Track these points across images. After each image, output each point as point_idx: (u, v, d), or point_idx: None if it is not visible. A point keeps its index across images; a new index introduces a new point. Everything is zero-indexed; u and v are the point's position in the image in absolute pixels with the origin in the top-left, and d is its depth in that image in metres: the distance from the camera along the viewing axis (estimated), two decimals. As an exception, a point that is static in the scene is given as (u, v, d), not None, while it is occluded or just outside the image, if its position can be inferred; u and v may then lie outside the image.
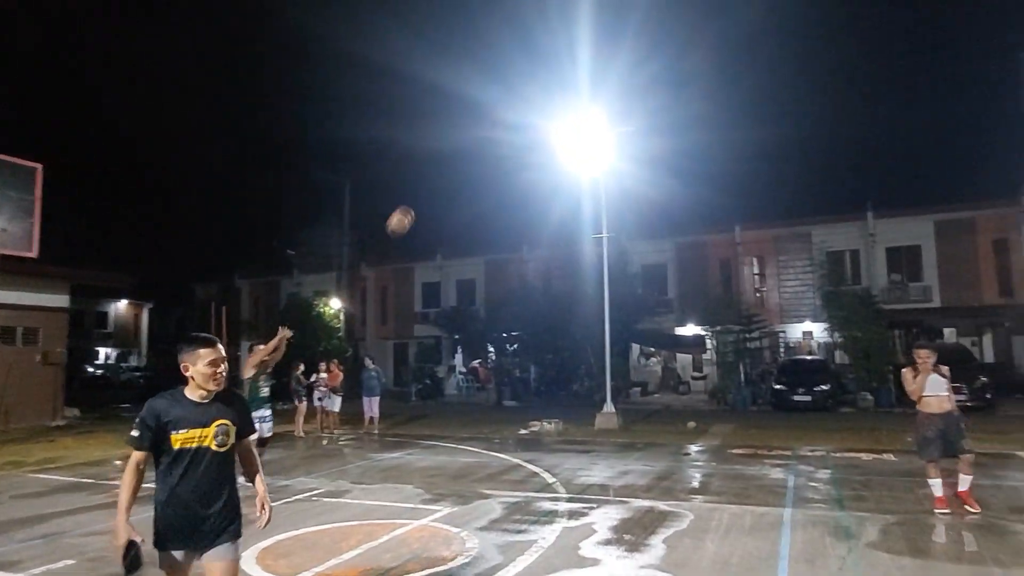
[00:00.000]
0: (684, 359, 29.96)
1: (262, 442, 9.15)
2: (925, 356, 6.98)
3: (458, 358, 31.99)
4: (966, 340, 24.69)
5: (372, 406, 15.75)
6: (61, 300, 19.41)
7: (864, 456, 11.17)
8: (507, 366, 28.03)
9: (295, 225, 38.82)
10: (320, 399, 15.65)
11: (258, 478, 3.47)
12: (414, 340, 33.74)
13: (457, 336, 31.22)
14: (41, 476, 9.99)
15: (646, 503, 7.67)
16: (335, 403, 15.62)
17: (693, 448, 12.53)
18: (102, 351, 49.42)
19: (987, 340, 26.12)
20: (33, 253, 13.70)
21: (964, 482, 6.99)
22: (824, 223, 28.28)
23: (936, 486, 6.98)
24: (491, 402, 25.81)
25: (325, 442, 14.17)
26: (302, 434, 14.87)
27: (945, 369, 7.02)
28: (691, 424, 16.05)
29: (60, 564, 5.54)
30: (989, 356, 25.59)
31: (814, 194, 26.34)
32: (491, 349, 29.63)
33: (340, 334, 30.60)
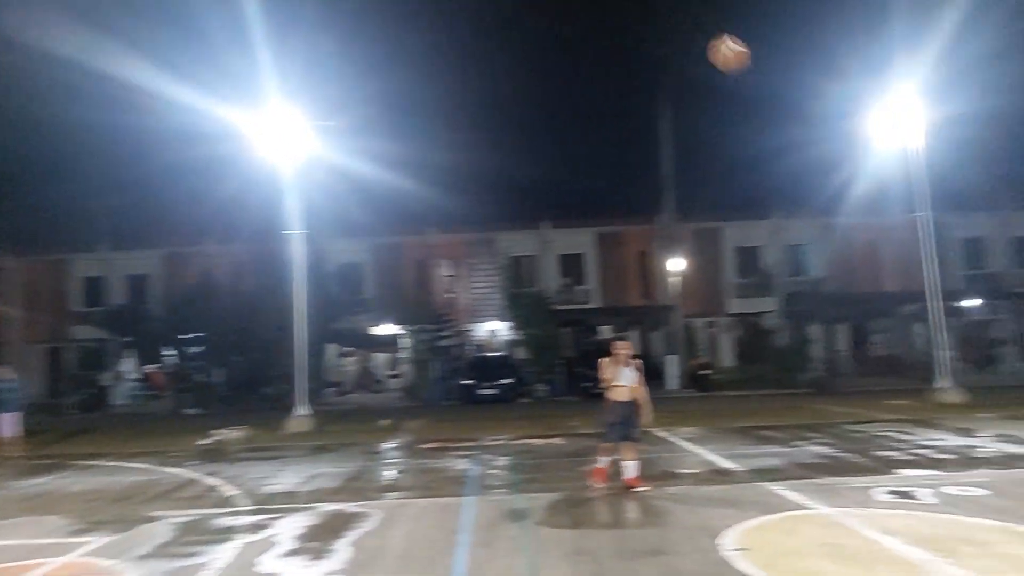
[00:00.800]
0: (380, 358, 30.22)
1: None
2: (621, 348, 7.77)
3: (128, 363, 28.18)
4: (624, 336, 28.76)
5: (5, 424, 13.06)
6: None
7: (537, 441, 12.31)
8: (188, 371, 25.48)
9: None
10: None
11: None
12: (73, 344, 28.95)
13: (127, 338, 27.50)
14: None
15: (334, 506, 7.46)
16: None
17: (385, 446, 12.60)
18: None
19: (633, 336, 30.69)
20: None
21: (630, 468, 7.64)
22: (507, 231, 30.66)
23: (602, 462, 7.81)
24: (169, 411, 23.19)
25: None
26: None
27: (638, 363, 7.77)
28: (385, 422, 16.18)
29: None
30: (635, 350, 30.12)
31: (499, 204, 28.57)
32: (169, 352, 26.66)
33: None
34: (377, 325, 28.73)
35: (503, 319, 28.69)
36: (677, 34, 24.92)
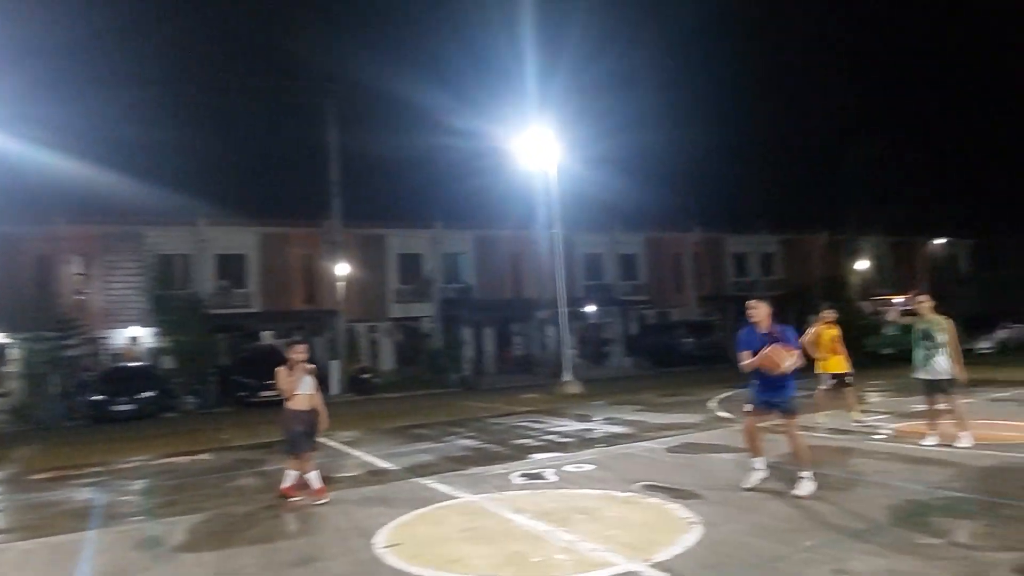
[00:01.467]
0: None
1: None
2: (298, 353, 7.30)
3: None
4: (281, 341, 27.61)
5: None
6: None
7: (182, 459, 11.21)
8: None
9: None
10: None
11: None
12: None
13: None
14: None
15: None
16: None
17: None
18: None
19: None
20: None
21: (312, 479, 7.24)
22: (157, 225, 27.53)
23: (292, 477, 7.31)
24: None
25: None
26: None
27: (312, 368, 7.37)
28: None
29: None
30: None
31: (149, 196, 25.29)
32: None
33: None
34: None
35: (147, 324, 25.60)
36: (347, 43, 25.04)
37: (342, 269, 26.91)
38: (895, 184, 47.20)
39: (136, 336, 26.39)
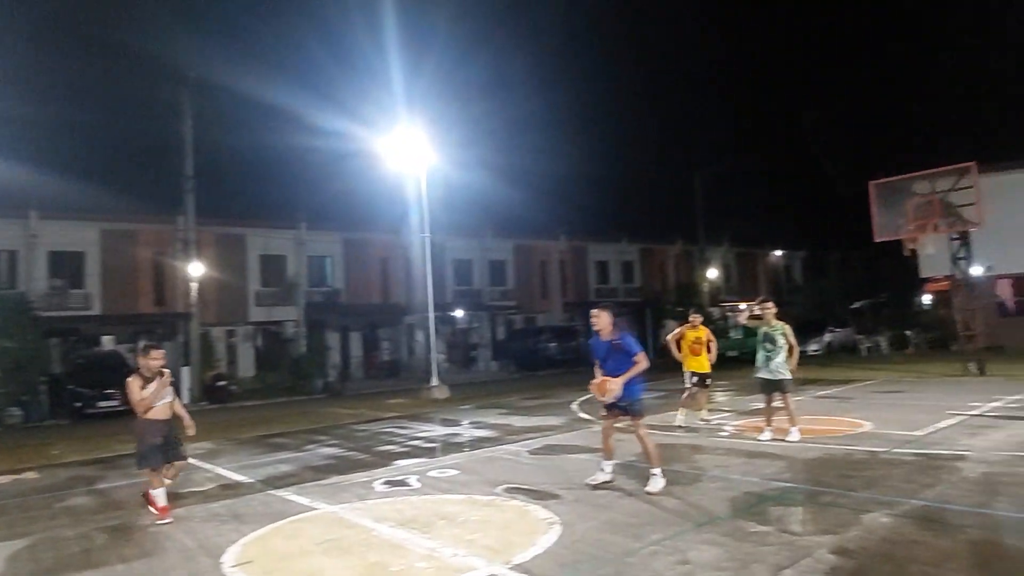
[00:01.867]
0: None
1: None
2: (157, 357, 6.70)
3: None
4: (124, 347, 25.56)
5: None
6: None
7: (1, 479, 10.08)
8: None
9: None
10: None
11: None
12: None
13: None
14: None
15: None
16: None
17: None
18: None
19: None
20: None
21: (158, 495, 6.71)
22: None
23: (160, 495, 6.67)
24: None
25: None
26: None
27: (168, 374, 6.84)
28: None
29: None
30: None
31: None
32: None
33: None
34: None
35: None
36: (210, 38, 23.69)
37: (196, 269, 25.26)
38: (741, 201, 51.21)
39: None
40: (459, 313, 32.33)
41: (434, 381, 20.16)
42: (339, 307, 31.55)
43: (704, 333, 10.97)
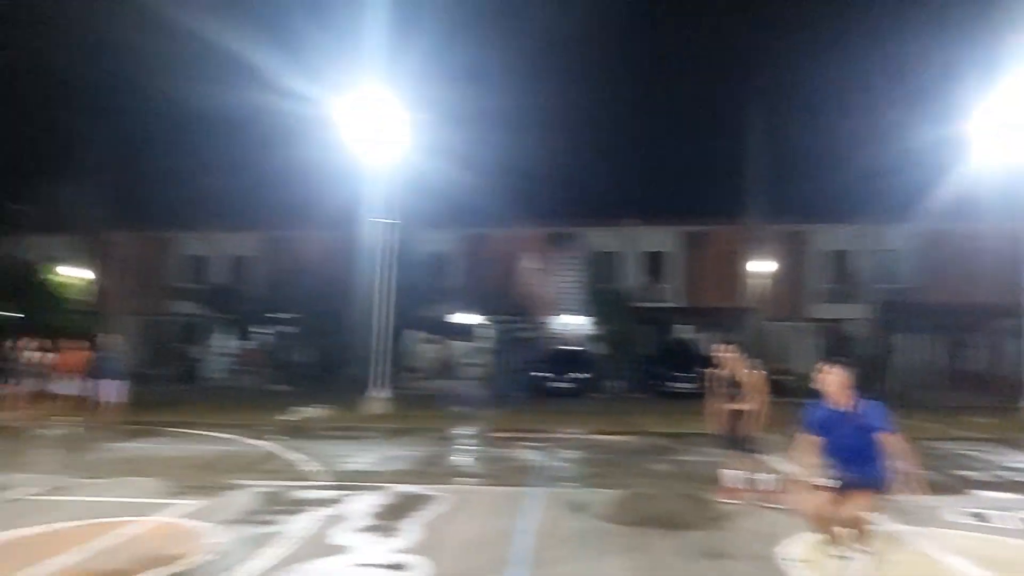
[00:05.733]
0: (460, 347, 30.85)
1: None
2: (729, 353, 7.39)
3: (223, 339, 29.85)
4: (696, 337, 28.17)
5: (110, 390, 14.08)
6: None
7: (608, 437, 12.35)
8: (277, 349, 26.78)
9: (26, 177, 33.20)
10: (38, 380, 13.65)
11: None
12: (172, 318, 30.89)
13: (224, 316, 29.13)
14: None
15: (407, 488, 7.79)
16: (72, 387, 13.74)
17: (459, 433, 12.95)
18: None
19: (711, 337, 30.09)
20: None
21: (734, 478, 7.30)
22: (593, 226, 30.63)
23: (739, 478, 7.27)
24: (257, 387, 24.49)
25: (50, 431, 12.49)
26: (21, 422, 12.97)
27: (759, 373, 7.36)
28: (460, 409, 16.58)
29: None
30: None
31: (584, 200, 28.47)
32: (261, 330, 28.08)
33: (79, 307, 27.09)
34: (458, 314, 29.35)
35: (582, 314, 28.75)
36: (774, 31, 24.21)
37: (761, 266, 26.19)
38: None
39: (573, 324, 29.83)
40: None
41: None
42: (914, 306, 28.29)
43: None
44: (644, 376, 24.53)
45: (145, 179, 29.55)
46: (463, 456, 10.50)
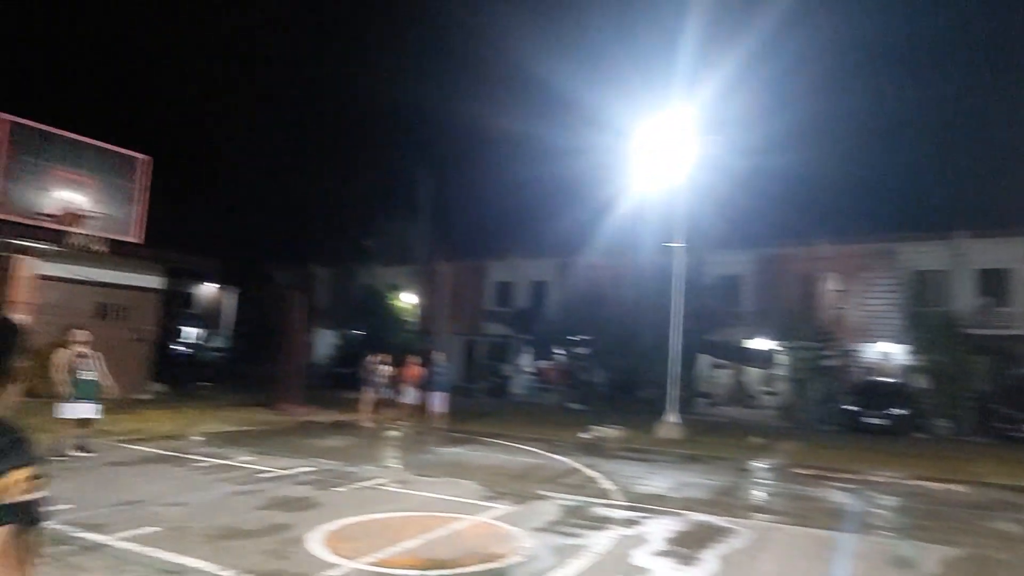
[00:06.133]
0: (755, 373, 29.34)
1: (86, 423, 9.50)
2: None
3: (526, 358, 32.26)
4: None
5: (438, 401, 16.10)
6: (154, 281, 20.74)
7: (933, 485, 10.80)
8: (574, 369, 28.11)
9: (374, 217, 39.74)
10: (383, 389, 16.04)
11: None
12: (484, 338, 34.18)
13: (526, 336, 31.51)
14: (128, 446, 10.72)
15: (704, 517, 7.68)
16: (409, 396, 16.04)
17: (757, 465, 12.36)
18: (188, 330, 52.03)
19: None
20: (135, 238, 14.64)
21: None
22: (911, 241, 27.11)
23: None
24: (556, 404, 25.96)
25: (393, 433, 14.65)
26: (370, 424, 15.41)
27: None
28: (757, 440, 15.79)
29: (145, 530, 5.95)
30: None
31: (902, 212, 25.17)
32: (559, 351, 29.76)
33: (411, 327, 31.38)
34: (753, 339, 28.02)
35: (899, 341, 25.50)
36: None
37: None
38: None
39: (888, 352, 26.58)
40: None
41: None
42: None
43: None
44: (981, 415, 20.94)
45: (463, 216, 33.42)
46: (762, 489, 10.00)
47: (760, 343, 27.63)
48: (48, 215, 13.07)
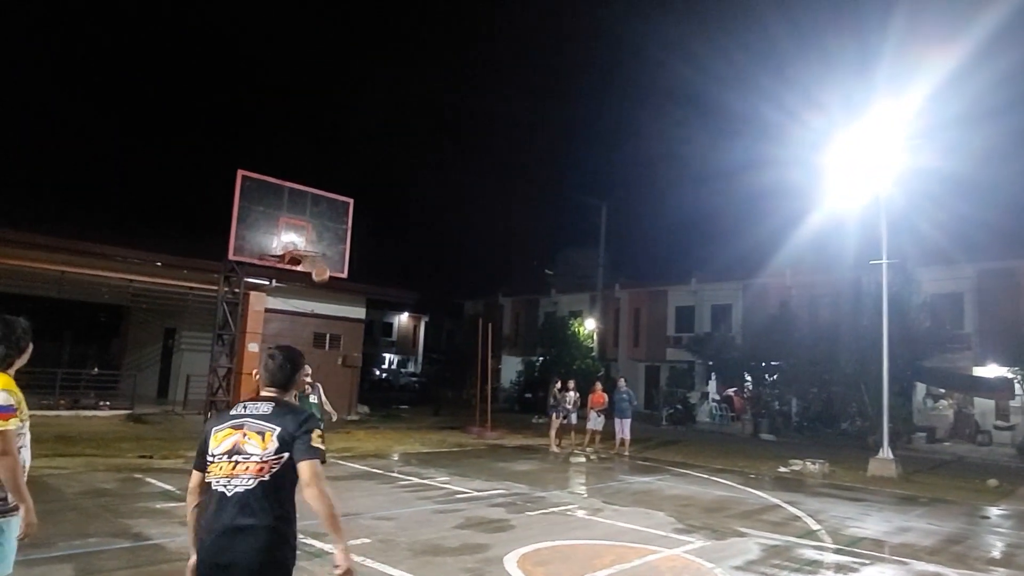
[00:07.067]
0: (984, 404, 25.76)
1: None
2: None
3: (712, 385, 30.96)
4: None
5: (624, 428, 15.91)
6: (359, 312, 22.73)
7: None
8: (765, 397, 26.48)
9: (554, 246, 40.75)
10: (565, 416, 16.07)
11: None
12: (666, 364, 33.33)
13: (711, 362, 30.27)
14: (341, 463, 11.69)
15: (931, 568, 6.84)
16: (594, 422, 16.01)
17: (994, 511, 10.82)
18: (386, 357, 56.09)
19: None
20: (345, 274, 16.07)
21: None
22: None
23: None
24: (746, 433, 24.60)
25: (579, 459, 14.65)
26: (556, 449, 15.54)
27: None
28: (992, 482, 13.81)
29: (356, 541, 6.32)
30: None
31: None
32: (747, 378, 28.21)
33: (593, 354, 31.39)
34: (981, 365, 24.74)
35: None
36: None
37: None
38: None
39: None
40: None
41: None
42: None
43: None
44: None
45: (642, 241, 33.16)
46: (1002, 540, 8.70)
47: (988, 369, 24.31)
48: (274, 256, 14.72)
